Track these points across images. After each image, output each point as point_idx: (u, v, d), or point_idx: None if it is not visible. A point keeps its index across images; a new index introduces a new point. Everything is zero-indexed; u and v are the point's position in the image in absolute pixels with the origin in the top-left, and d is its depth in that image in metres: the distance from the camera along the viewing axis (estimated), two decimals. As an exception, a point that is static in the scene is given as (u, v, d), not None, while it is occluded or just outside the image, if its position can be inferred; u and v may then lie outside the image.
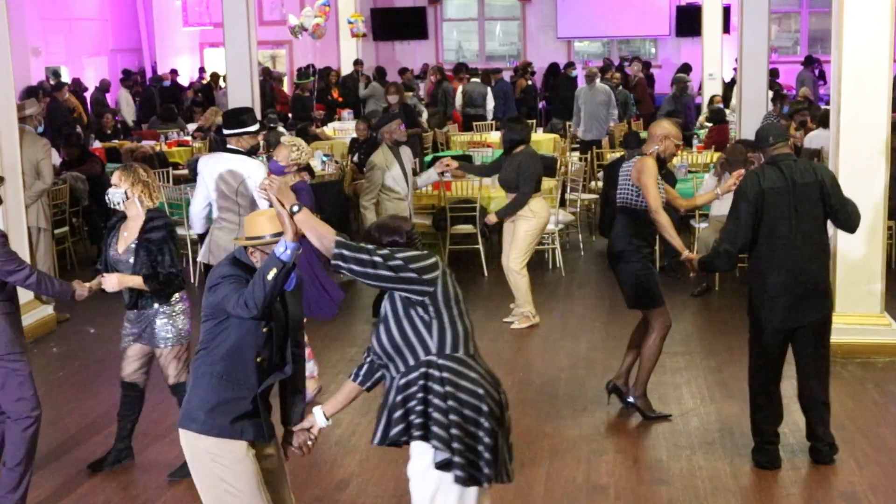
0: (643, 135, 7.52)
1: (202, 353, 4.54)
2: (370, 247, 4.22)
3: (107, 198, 6.19)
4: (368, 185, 9.34)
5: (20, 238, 9.37)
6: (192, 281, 11.22)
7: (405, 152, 9.60)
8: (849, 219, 6.40)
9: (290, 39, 22.13)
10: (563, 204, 12.18)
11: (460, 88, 19.63)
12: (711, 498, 6.07)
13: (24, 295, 5.92)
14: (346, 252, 4.15)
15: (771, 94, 14.97)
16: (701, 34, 21.73)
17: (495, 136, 16.63)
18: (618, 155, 13.04)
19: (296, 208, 4.22)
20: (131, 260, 6.12)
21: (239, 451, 4.49)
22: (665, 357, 7.76)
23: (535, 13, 27.20)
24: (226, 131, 8.13)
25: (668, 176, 8.73)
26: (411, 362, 4.25)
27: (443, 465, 4.17)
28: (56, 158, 12.72)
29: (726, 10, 22.01)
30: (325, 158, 13.76)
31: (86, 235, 13.13)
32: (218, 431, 4.47)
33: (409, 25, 27.33)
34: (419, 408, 4.19)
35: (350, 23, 22.10)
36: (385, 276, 4.16)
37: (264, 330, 4.47)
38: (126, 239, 6.17)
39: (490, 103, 19.20)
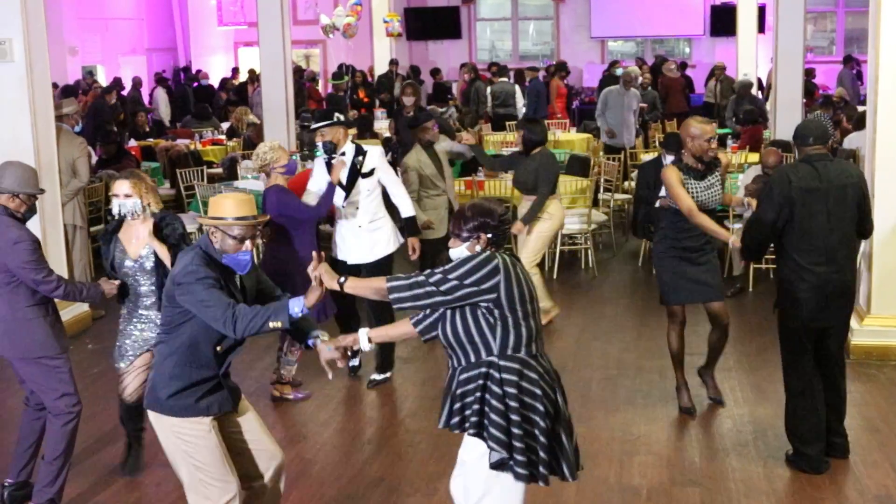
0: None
1: (164, 337, 4.76)
2: (421, 278, 4.38)
3: (118, 209, 6.05)
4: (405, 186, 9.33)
5: (56, 236, 9.46)
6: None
7: (441, 148, 9.56)
8: (869, 226, 6.48)
9: (324, 39, 22.21)
10: (595, 204, 12.15)
11: (489, 89, 19.60)
12: (745, 500, 6.04)
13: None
14: (401, 294, 4.38)
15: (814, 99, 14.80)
16: (736, 34, 21.64)
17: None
18: (652, 156, 12.98)
19: (342, 279, 4.51)
20: (149, 264, 6.06)
21: (202, 428, 4.71)
22: (697, 358, 7.73)
23: (569, 13, 27.16)
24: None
25: None
26: (473, 359, 4.41)
27: (497, 465, 4.33)
28: (92, 157, 12.82)
29: (761, 10, 21.90)
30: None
31: (121, 233, 13.21)
32: (183, 412, 4.70)
33: (443, 25, 27.37)
34: (476, 406, 4.35)
35: (385, 22, 22.15)
36: (444, 301, 4.35)
37: None
38: (136, 245, 6.08)
39: (520, 101, 19.12)
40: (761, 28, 22.02)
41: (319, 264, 4.55)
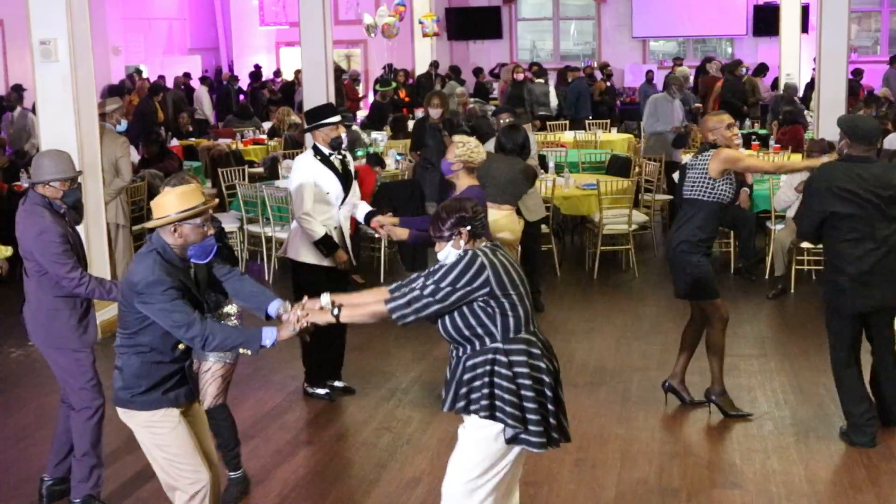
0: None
1: (125, 338, 4.77)
2: (416, 292, 4.53)
3: None
4: None
5: (99, 234, 9.54)
6: (267, 279, 11.38)
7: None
8: None
9: (365, 39, 22.28)
10: (636, 204, 12.10)
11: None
12: (786, 503, 5.99)
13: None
14: (402, 311, 4.55)
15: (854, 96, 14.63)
16: (779, 34, 21.46)
17: (568, 136, 16.57)
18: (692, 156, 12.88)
19: (336, 311, 4.70)
20: None
21: (173, 419, 4.80)
22: (739, 360, 7.69)
23: (611, 12, 27.05)
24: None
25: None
26: (478, 347, 4.56)
27: (512, 440, 4.52)
28: (135, 156, 12.92)
29: (805, 10, 21.70)
30: (398, 157, 13.82)
31: (163, 232, 13.29)
32: (154, 405, 4.78)
33: (484, 25, 27.34)
34: (485, 390, 4.52)
35: (421, 22, 22.17)
36: (442, 308, 4.51)
37: None
38: None
39: (553, 102, 18.97)
40: (804, 28, 21.83)
41: (304, 308, 4.73)
